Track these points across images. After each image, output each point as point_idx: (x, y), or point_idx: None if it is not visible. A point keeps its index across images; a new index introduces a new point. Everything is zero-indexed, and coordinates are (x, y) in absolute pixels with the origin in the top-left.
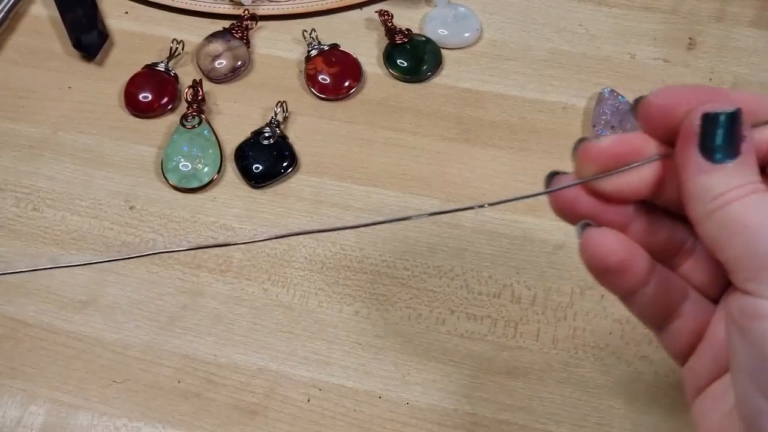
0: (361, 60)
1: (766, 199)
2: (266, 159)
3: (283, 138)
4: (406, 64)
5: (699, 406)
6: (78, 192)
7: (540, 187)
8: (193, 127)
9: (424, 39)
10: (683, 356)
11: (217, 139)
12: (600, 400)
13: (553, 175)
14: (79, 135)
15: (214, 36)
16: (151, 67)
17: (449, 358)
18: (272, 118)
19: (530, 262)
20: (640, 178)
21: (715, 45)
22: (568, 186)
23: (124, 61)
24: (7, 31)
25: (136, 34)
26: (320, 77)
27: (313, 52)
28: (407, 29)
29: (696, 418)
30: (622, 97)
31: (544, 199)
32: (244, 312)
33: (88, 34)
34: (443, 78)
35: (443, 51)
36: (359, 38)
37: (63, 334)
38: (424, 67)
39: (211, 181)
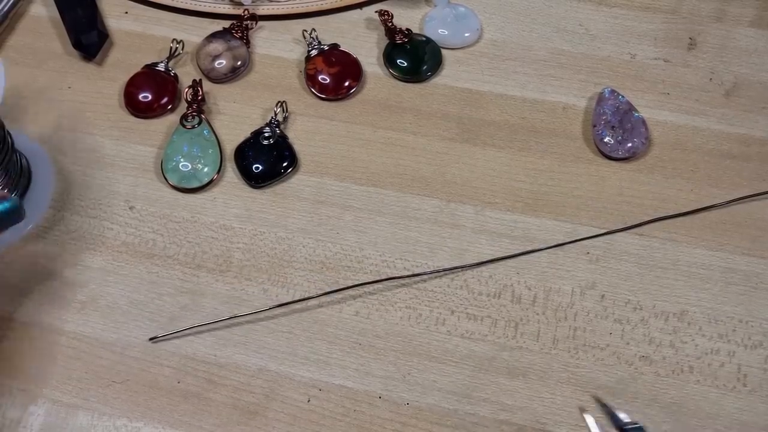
0: (361, 60)
1: None
2: (266, 159)
3: (283, 138)
4: (406, 64)
5: None
6: (78, 192)
7: (538, 186)
8: (193, 127)
9: (424, 39)
10: None
11: (217, 139)
12: None
13: None
14: (79, 135)
15: (214, 36)
16: (150, 67)
17: (449, 358)
18: (272, 118)
19: (530, 262)
20: None
21: (715, 45)
22: None
23: (123, 61)
24: (7, 31)
25: (136, 34)
26: (320, 77)
27: (313, 52)
28: (407, 29)
29: None
30: (622, 97)
31: (544, 197)
32: (243, 312)
33: (87, 34)
34: (443, 78)
35: (443, 51)
36: (359, 38)
37: (63, 334)
38: (424, 67)
39: (211, 181)
